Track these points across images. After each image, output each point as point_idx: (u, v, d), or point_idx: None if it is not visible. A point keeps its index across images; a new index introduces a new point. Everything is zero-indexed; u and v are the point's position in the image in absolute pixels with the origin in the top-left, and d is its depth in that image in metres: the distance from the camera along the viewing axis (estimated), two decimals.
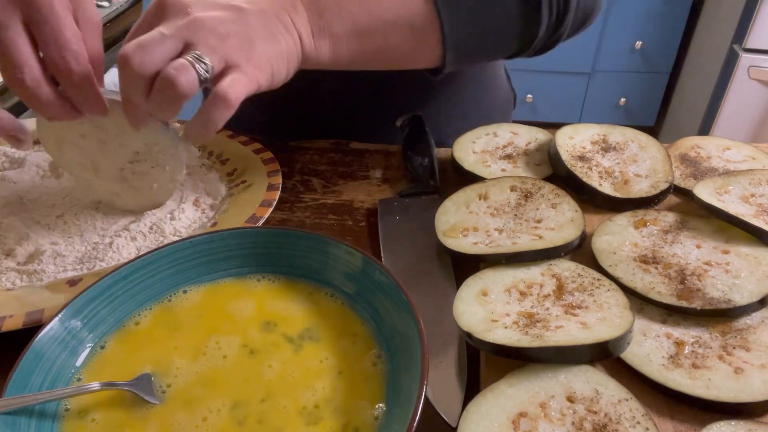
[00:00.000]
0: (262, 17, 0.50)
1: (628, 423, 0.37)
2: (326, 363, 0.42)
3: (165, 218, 0.59)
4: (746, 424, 0.37)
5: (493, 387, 0.40)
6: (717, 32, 2.24)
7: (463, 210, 0.57)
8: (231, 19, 0.48)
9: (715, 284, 0.46)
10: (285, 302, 0.47)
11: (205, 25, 0.46)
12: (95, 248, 0.55)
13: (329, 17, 0.54)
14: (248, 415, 0.39)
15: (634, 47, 2.53)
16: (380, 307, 0.44)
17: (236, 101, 0.46)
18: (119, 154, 0.57)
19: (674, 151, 0.65)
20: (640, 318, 0.45)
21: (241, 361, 0.42)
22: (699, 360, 0.42)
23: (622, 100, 2.69)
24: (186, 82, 0.44)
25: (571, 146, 0.63)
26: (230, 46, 0.47)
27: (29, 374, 0.39)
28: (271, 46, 0.50)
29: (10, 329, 0.45)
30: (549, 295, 0.47)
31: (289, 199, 0.65)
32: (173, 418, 0.39)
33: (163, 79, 0.44)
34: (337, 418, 0.38)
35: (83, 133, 0.56)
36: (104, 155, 0.57)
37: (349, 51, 0.56)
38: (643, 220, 0.54)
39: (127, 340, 0.44)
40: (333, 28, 0.54)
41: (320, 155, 0.73)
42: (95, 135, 0.56)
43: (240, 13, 0.49)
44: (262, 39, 0.49)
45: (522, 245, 0.50)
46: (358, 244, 0.57)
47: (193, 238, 0.48)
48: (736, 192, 0.56)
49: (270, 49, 0.50)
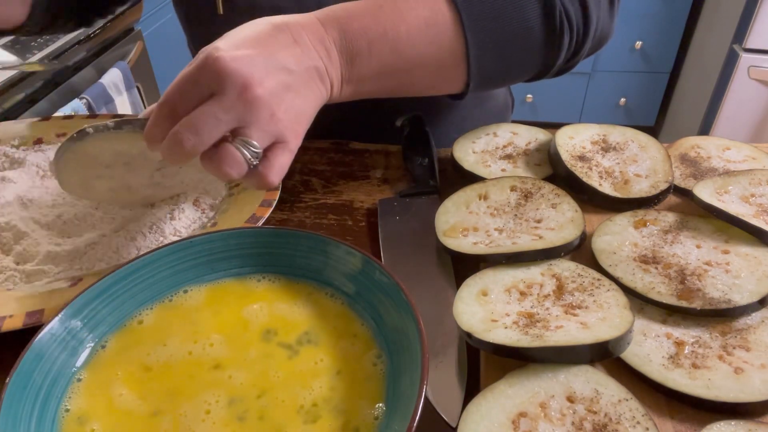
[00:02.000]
0: (305, 78, 0.49)
1: (628, 423, 0.37)
2: (323, 363, 0.42)
3: (165, 218, 0.59)
4: (746, 424, 0.37)
5: (493, 387, 0.40)
6: (717, 32, 2.24)
7: (463, 210, 0.57)
8: (283, 86, 0.47)
9: (715, 284, 0.46)
10: (285, 302, 0.47)
11: (262, 106, 0.45)
12: (95, 248, 0.55)
13: (359, 63, 0.53)
14: (248, 411, 0.39)
15: (634, 47, 2.53)
16: (380, 307, 0.44)
17: (277, 182, 0.47)
18: (145, 167, 0.57)
19: (674, 151, 0.65)
20: (640, 318, 0.45)
21: (240, 360, 0.42)
22: (699, 360, 0.42)
23: (622, 100, 2.69)
24: (236, 173, 0.45)
25: (571, 146, 0.63)
26: (281, 125, 0.46)
27: (29, 374, 0.39)
28: (312, 106, 0.50)
29: (10, 329, 0.45)
30: (549, 295, 0.47)
31: (289, 199, 0.65)
32: (178, 413, 0.39)
33: (214, 167, 0.45)
34: (337, 418, 0.38)
35: (107, 163, 0.55)
36: (132, 174, 0.57)
37: (371, 90, 0.57)
38: (643, 220, 0.54)
39: (128, 339, 0.44)
40: (361, 72, 0.54)
41: (320, 155, 0.73)
42: (119, 160, 0.55)
43: (290, 77, 0.48)
44: (305, 103, 0.49)
45: (522, 245, 0.50)
46: (358, 244, 0.57)
47: (193, 238, 0.48)
48: (736, 192, 0.56)
49: (309, 110, 0.50)
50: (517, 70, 0.61)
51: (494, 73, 0.60)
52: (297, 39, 0.50)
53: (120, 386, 0.41)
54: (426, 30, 0.55)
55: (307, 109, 0.49)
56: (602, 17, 0.62)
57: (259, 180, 0.47)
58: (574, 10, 0.58)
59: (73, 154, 0.52)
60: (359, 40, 0.53)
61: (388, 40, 0.54)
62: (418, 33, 0.54)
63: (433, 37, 0.55)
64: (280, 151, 0.47)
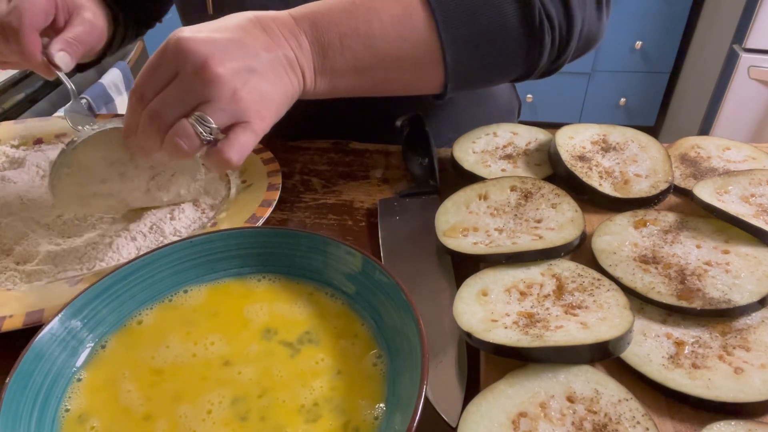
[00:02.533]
0: (274, 63, 0.50)
1: (628, 423, 0.37)
2: (324, 363, 0.42)
3: (165, 218, 0.59)
4: (746, 424, 0.37)
5: (493, 387, 0.40)
6: (717, 32, 2.24)
7: (463, 210, 0.57)
8: (246, 68, 0.47)
9: (715, 284, 0.46)
10: (285, 302, 0.47)
11: (222, 84, 0.46)
12: (95, 248, 0.55)
13: (332, 55, 0.54)
14: (250, 410, 0.39)
15: (634, 47, 2.53)
16: (380, 307, 0.44)
17: (238, 163, 0.47)
18: (139, 177, 0.57)
19: (674, 151, 0.65)
20: (640, 318, 0.45)
21: (239, 360, 0.43)
22: (699, 360, 0.42)
23: (622, 100, 2.69)
24: (188, 147, 0.46)
25: (571, 146, 0.63)
26: (243, 104, 0.47)
27: (29, 374, 0.39)
28: (280, 92, 0.50)
29: (10, 329, 0.45)
30: (549, 295, 0.47)
31: (289, 199, 0.65)
32: (178, 413, 0.39)
33: (167, 142, 0.47)
34: (337, 417, 0.38)
35: (103, 177, 0.55)
36: (127, 185, 0.57)
37: (347, 86, 0.57)
38: (643, 220, 0.54)
39: (128, 339, 0.45)
40: (335, 65, 0.54)
41: (320, 155, 0.73)
42: (114, 171, 0.55)
43: (255, 60, 0.48)
44: (272, 87, 0.49)
45: (522, 245, 0.50)
46: (358, 244, 0.58)
47: (193, 238, 0.48)
48: (736, 192, 0.56)
49: (278, 97, 0.50)
50: (497, 70, 0.60)
51: (473, 74, 0.59)
52: (267, 29, 0.50)
53: (124, 386, 0.41)
54: (400, 27, 0.55)
55: (274, 94, 0.49)
56: (588, 17, 0.61)
57: (217, 156, 0.47)
58: (555, 10, 0.57)
59: (67, 171, 0.53)
60: (330, 33, 0.53)
61: (361, 35, 0.54)
62: (392, 29, 0.54)
63: (408, 33, 0.55)
64: (241, 130, 0.47)
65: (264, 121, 0.49)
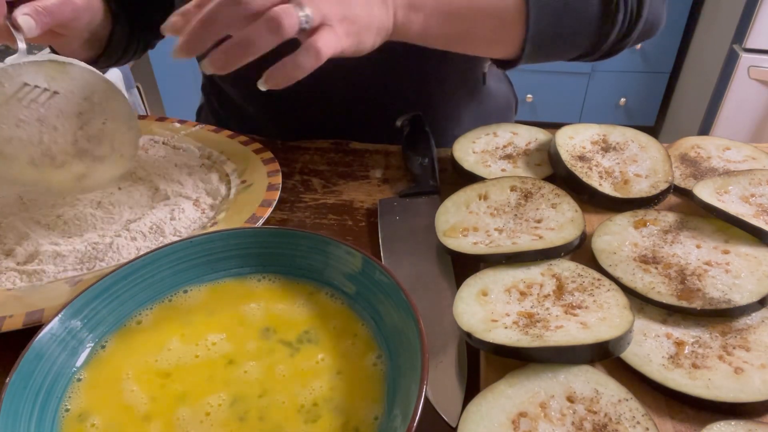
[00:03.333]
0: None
1: (628, 423, 0.37)
2: (324, 363, 0.42)
3: (165, 218, 0.59)
4: (746, 424, 0.37)
5: (493, 387, 0.40)
6: (717, 32, 2.24)
7: (463, 210, 0.57)
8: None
9: (715, 284, 0.46)
10: (285, 302, 0.47)
11: None
12: (95, 248, 0.55)
13: None
14: (249, 411, 0.39)
15: (634, 47, 2.53)
16: (380, 307, 0.44)
17: (326, 55, 0.47)
18: (64, 125, 0.52)
19: (674, 151, 0.65)
20: (640, 318, 0.45)
21: (239, 359, 0.43)
22: (699, 360, 0.42)
23: (622, 100, 2.68)
24: (288, 25, 0.45)
25: (571, 146, 0.63)
26: (330, 3, 0.47)
27: (29, 374, 0.39)
28: (366, 14, 0.51)
29: (10, 329, 0.45)
30: (549, 295, 0.47)
31: (289, 199, 0.65)
32: (176, 415, 0.39)
33: (268, 18, 0.45)
34: (337, 417, 0.38)
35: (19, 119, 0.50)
36: (50, 132, 0.52)
37: (437, 29, 0.58)
38: (643, 220, 0.54)
39: (128, 339, 0.44)
40: (426, 5, 0.56)
41: (320, 155, 0.73)
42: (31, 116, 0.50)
43: None
44: (359, 5, 0.50)
45: (522, 245, 0.50)
46: (358, 244, 0.57)
47: (193, 238, 0.48)
48: (736, 192, 0.56)
49: (364, 17, 0.51)
50: (571, 39, 0.62)
51: (549, 39, 0.61)
52: None
53: (127, 385, 0.41)
54: None
55: (361, 14, 0.50)
56: (655, 3, 0.64)
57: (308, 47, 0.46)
58: None
59: None
60: None
61: None
62: None
63: None
64: (328, 30, 0.47)
65: (348, 32, 0.49)
